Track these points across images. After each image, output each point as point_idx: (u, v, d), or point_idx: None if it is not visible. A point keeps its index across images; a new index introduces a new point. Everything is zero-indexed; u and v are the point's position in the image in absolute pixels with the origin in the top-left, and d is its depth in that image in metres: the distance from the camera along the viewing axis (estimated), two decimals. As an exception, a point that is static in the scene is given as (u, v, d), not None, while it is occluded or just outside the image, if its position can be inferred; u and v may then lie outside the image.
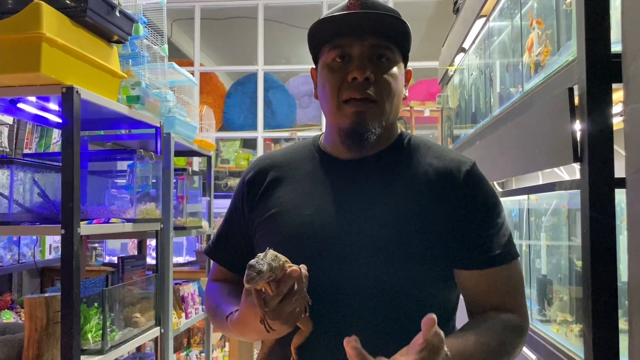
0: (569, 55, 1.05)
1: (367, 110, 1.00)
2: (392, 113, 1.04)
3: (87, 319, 1.80)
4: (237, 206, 1.14)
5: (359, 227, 0.99)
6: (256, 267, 0.83)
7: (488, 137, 1.65)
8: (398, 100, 1.05)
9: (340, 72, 1.01)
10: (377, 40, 1.00)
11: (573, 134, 0.98)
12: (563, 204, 1.24)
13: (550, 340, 1.22)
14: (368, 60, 1.00)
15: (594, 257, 0.93)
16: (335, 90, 1.01)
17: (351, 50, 1.01)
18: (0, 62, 1.58)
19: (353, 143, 1.02)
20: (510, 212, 1.69)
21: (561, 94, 1.02)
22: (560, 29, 1.16)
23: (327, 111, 1.05)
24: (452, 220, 0.98)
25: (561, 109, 1.01)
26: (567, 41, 1.09)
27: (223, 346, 3.91)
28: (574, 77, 0.99)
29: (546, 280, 1.34)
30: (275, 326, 0.88)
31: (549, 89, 1.15)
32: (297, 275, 0.87)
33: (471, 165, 1.03)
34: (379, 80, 1.00)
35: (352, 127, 1.00)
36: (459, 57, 2.38)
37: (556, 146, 1.06)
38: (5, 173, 1.78)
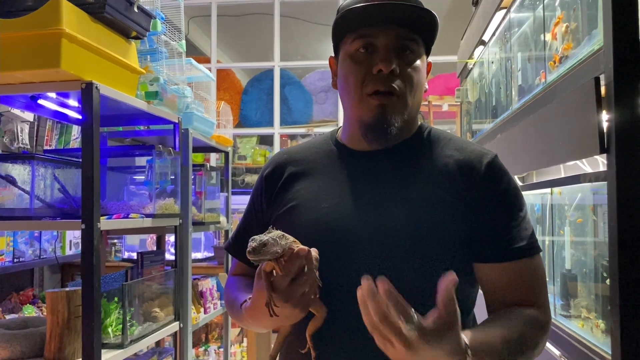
0: (595, 44, 1.02)
1: (390, 103, 0.98)
2: (414, 106, 1.03)
3: (107, 313, 1.81)
4: (255, 201, 1.14)
5: (376, 219, 0.98)
6: (257, 239, 0.82)
7: (509, 130, 1.63)
8: (420, 93, 1.03)
9: (365, 63, 0.99)
10: (404, 31, 0.99)
11: (599, 125, 0.96)
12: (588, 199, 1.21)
13: (575, 336, 1.20)
14: (393, 52, 0.98)
15: (621, 251, 0.91)
16: (359, 82, 0.99)
17: (376, 41, 0.99)
18: (21, 59, 1.59)
19: (375, 136, 1.01)
20: (533, 207, 1.67)
21: (587, 84, 1.00)
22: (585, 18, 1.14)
23: (347, 103, 1.03)
24: (472, 212, 0.97)
25: (587, 99, 0.99)
26: (592, 30, 1.07)
27: (241, 341, 3.92)
28: (600, 67, 0.97)
29: (570, 275, 1.31)
30: (285, 310, 0.88)
31: (574, 80, 1.12)
32: (305, 254, 0.86)
33: (493, 157, 1.01)
34: (403, 73, 0.98)
35: (374, 120, 0.99)
36: (479, 50, 2.35)
37: (581, 138, 1.03)
38: (26, 169, 1.80)
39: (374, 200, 1.00)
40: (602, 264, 1.09)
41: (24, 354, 1.67)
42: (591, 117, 0.98)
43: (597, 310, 1.15)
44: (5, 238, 2.86)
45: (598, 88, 0.97)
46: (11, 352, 1.67)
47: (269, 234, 0.85)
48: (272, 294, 0.87)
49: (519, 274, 0.97)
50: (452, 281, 0.76)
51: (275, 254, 0.84)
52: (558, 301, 1.38)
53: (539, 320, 0.95)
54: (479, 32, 2.19)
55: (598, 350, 1.08)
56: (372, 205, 0.99)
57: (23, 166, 1.82)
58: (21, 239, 2.99)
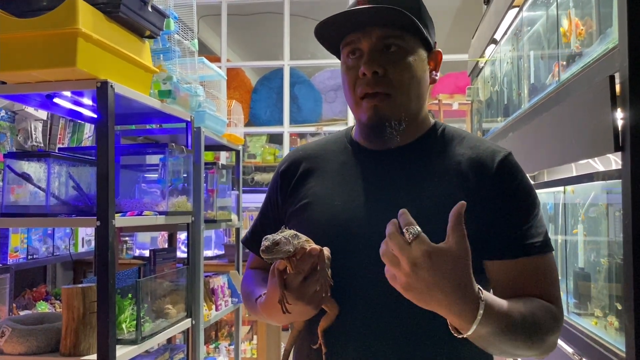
0: (610, 42, 1.02)
1: (381, 104, 1.00)
2: (413, 102, 1.02)
3: (121, 309, 1.83)
4: (272, 197, 1.15)
5: (388, 217, 0.98)
6: (270, 238, 0.84)
7: (522, 129, 1.63)
8: (419, 88, 1.03)
9: (354, 68, 1.02)
10: (383, 31, 0.99)
11: (614, 123, 0.96)
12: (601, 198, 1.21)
13: (588, 334, 1.20)
14: (378, 53, 0.99)
15: (636, 249, 0.91)
16: (352, 87, 1.02)
17: (360, 45, 1.01)
18: (37, 58, 1.62)
19: (375, 137, 1.04)
20: (545, 205, 1.67)
21: (601, 82, 1.00)
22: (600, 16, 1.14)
23: (349, 107, 1.07)
24: (485, 210, 0.97)
25: (601, 97, 0.99)
26: (606, 29, 1.07)
27: (251, 339, 3.94)
28: (615, 65, 0.97)
29: (584, 273, 1.31)
30: (298, 307, 0.89)
31: (588, 78, 1.12)
32: (317, 253, 0.88)
33: (506, 155, 1.01)
34: (389, 73, 0.99)
35: (370, 121, 1.01)
36: (490, 49, 2.35)
37: (596, 136, 1.04)
38: (42, 166, 1.82)
39: (386, 198, 1.00)
40: (616, 263, 1.09)
41: (40, 349, 1.70)
42: (606, 115, 0.98)
43: (611, 308, 1.15)
44: (20, 235, 2.89)
45: (613, 86, 0.97)
46: (28, 347, 1.69)
47: (282, 233, 0.86)
48: (285, 292, 0.89)
49: (531, 271, 0.97)
50: (461, 205, 0.79)
51: (287, 252, 0.85)
52: (571, 299, 1.39)
53: (552, 311, 0.94)
54: (491, 31, 2.19)
55: (612, 347, 1.08)
56: (384, 203, 1.00)
57: (38, 164, 1.84)
58: (35, 236, 3.02)
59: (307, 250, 0.88)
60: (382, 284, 0.96)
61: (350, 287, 0.97)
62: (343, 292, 0.96)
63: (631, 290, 0.91)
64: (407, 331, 0.95)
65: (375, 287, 0.96)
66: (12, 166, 1.84)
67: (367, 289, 0.97)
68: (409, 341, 0.95)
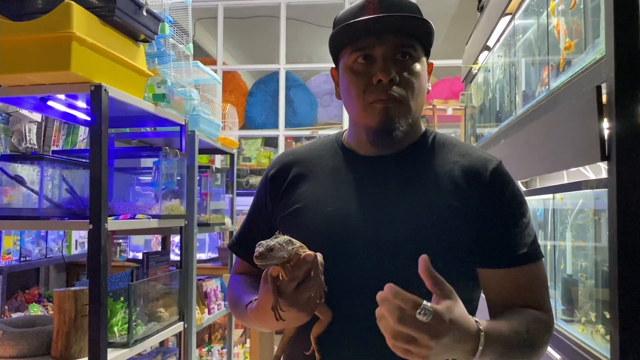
0: (597, 53, 1.04)
1: (394, 107, 1.00)
2: (417, 111, 1.04)
3: (113, 312, 1.83)
4: (260, 201, 1.15)
5: (381, 224, 0.99)
6: (264, 244, 0.84)
7: (513, 136, 1.64)
8: (422, 97, 1.05)
9: (364, 74, 1.01)
10: (398, 39, 1.01)
11: (601, 133, 0.98)
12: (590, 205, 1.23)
13: (576, 340, 1.21)
14: (392, 60, 1.00)
15: (620, 257, 0.93)
16: (361, 93, 1.01)
17: (374, 52, 1.01)
18: (31, 61, 1.62)
19: (382, 141, 1.03)
20: (535, 212, 1.68)
21: (589, 92, 1.01)
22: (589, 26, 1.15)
23: (353, 113, 1.05)
24: (477, 218, 0.98)
25: (589, 107, 1.01)
26: (595, 39, 1.08)
27: (244, 342, 3.94)
28: (602, 75, 0.98)
29: (571, 280, 1.32)
30: (291, 314, 0.90)
31: (576, 88, 1.14)
32: (311, 259, 0.88)
33: (497, 164, 1.03)
34: (403, 80, 1.00)
35: (380, 125, 1.00)
36: (483, 55, 2.37)
37: (583, 145, 1.05)
38: (35, 169, 1.83)
39: (378, 205, 1.01)
40: (603, 270, 1.10)
41: (31, 352, 1.70)
42: (593, 125, 1.00)
43: (597, 315, 1.16)
44: (13, 237, 2.88)
45: (600, 96, 0.98)
46: (19, 350, 1.69)
47: (276, 239, 0.87)
48: (278, 298, 0.89)
49: (522, 279, 0.98)
50: (424, 261, 0.81)
51: (281, 258, 0.86)
52: (559, 306, 1.40)
53: (544, 320, 0.97)
54: (484, 38, 2.21)
55: (598, 354, 1.10)
56: (377, 209, 1.01)
57: (32, 167, 1.84)
58: (28, 238, 3.02)
59: (301, 256, 0.88)
60: (375, 289, 0.97)
61: (343, 293, 0.97)
62: (336, 298, 0.96)
63: (616, 298, 0.92)
64: None
65: (368, 293, 0.97)
66: (6, 169, 1.84)
67: (360, 295, 0.97)
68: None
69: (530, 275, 0.99)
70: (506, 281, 0.99)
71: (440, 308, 0.78)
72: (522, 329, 0.92)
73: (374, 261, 0.97)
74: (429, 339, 0.76)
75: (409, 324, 0.77)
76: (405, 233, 0.98)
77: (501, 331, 0.88)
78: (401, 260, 0.96)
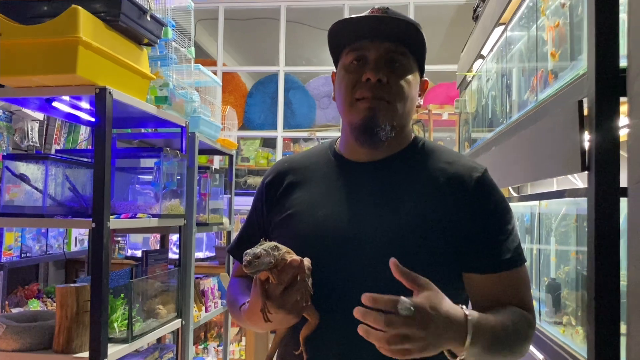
0: (580, 69, 1.09)
1: (378, 107, 1.05)
2: (404, 116, 1.08)
3: (113, 309, 1.88)
4: (257, 207, 1.20)
5: (369, 228, 1.03)
6: (250, 253, 0.89)
7: (504, 143, 1.70)
8: (411, 105, 1.09)
9: (356, 73, 1.07)
10: (393, 45, 1.06)
11: (581, 144, 1.03)
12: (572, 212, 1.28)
13: (557, 341, 1.27)
14: (383, 63, 1.06)
15: (598, 263, 0.98)
16: (350, 89, 1.07)
17: (368, 54, 1.06)
18: (38, 63, 1.67)
19: (365, 139, 1.07)
20: (523, 217, 1.74)
21: (571, 105, 1.07)
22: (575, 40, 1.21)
23: (341, 110, 1.11)
24: (462, 224, 1.02)
25: (571, 120, 1.06)
26: (578, 55, 1.14)
27: (240, 340, 3.99)
28: (584, 91, 1.04)
29: (554, 283, 1.38)
30: (279, 316, 0.94)
31: (561, 100, 1.19)
32: (297, 264, 0.92)
33: (482, 172, 1.07)
34: (391, 83, 1.05)
35: (363, 122, 1.05)
36: (477, 64, 2.43)
37: (566, 155, 1.10)
38: (40, 168, 1.88)
39: (367, 210, 1.05)
40: (583, 274, 1.16)
41: (33, 346, 1.75)
42: (574, 137, 1.05)
43: (577, 317, 1.22)
44: (14, 233, 2.93)
45: (581, 110, 1.04)
46: (21, 344, 1.74)
47: (261, 246, 0.91)
48: (267, 302, 0.94)
49: (506, 282, 1.03)
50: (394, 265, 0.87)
51: (268, 264, 0.90)
52: (543, 308, 1.46)
53: (527, 317, 1.01)
54: (478, 47, 2.26)
55: (577, 355, 1.15)
56: (366, 214, 1.05)
57: (37, 166, 1.89)
58: (29, 235, 3.06)
59: (287, 261, 0.93)
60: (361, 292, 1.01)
61: (331, 296, 1.01)
62: (324, 301, 1.00)
63: (592, 300, 0.98)
64: None
65: (355, 296, 1.01)
66: (11, 167, 1.89)
67: (347, 297, 1.01)
68: None
69: (514, 279, 1.03)
70: (491, 285, 1.02)
71: (420, 300, 0.83)
72: (509, 322, 0.96)
73: (361, 265, 1.01)
74: (419, 331, 0.81)
75: (396, 323, 0.81)
76: (392, 237, 1.02)
77: (488, 321, 0.92)
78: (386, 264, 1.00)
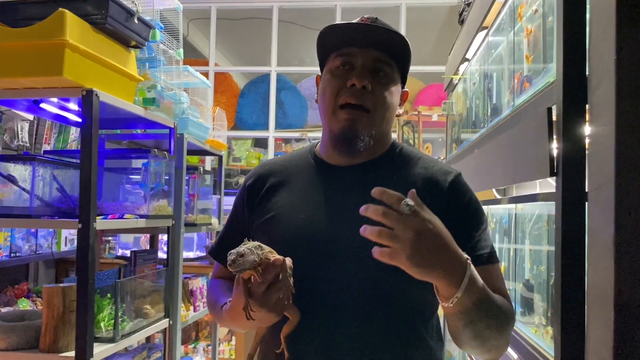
0: (550, 76, 1.13)
1: (359, 119, 1.08)
2: (383, 124, 1.12)
3: (100, 308, 1.90)
4: (238, 210, 1.23)
5: (349, 229, 1.06)
6: (235, 252, 0.92)
7: (485, 146, 1.73)
8: (391, 113, 1.13)
9: (341, 78, 1.10)
10: (380, 54, 1.09)
11: (550, 150, 1.06)
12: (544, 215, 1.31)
13: (530, 341, 1.30)
14: (368, 71, 1.09)
15: (564, 264, 1.01)
16: (334, 94, 1.10)
17: (354, 60, 1.10)
18: (26, 66, 1.69)
19: (343, 148, 1.11)
20: (502, 219, 1.77)
21: (541, 112, 1.10)
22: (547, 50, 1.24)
23: (323, 114, 1.14)
24: None
25: (541, 126, 1.10)
26: (549, 63, 1.17)
27: (230, 340, 4.02)
28: (554, 98, 1.07)
29: (528, 284, 1.42)
30: (261, 314, 0.96)
31: (534, 107, 1.23)
32: (280, 263, 0.95)
33: (456, 175, 1.11)
34: (375, 91, 1.08)
35: (343, 132, 1.08)
36: (463, 67, 2.46)
37: (536, 160, 1.14)
38: (27, 169, 1.89)
39: (347, 212, 1.09)
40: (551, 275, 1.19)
41: (20, 345, 1.77)
42: (544, 143, 1.08)
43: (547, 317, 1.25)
44: (3, 233, 2.95)
45: (550, 117, 1.07)
46: (8, 343, 1.76)
47: (245, 245, 0.94)
48: (249, 300, 0.97)
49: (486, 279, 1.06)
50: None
51: (253, 262, 0.93)
52: (518, 308, 1.49)
53: (510, 305, 1.03)
54: (463, 50, 2.30)
55: (546, 355, 1.18)
56: (345, 216, 1.08)
57: (24, 166, 1.91)
58: (18, 235, 3.08)
59: (271, 260, 0.96)
60: (341, 291, 1.05)
61: (312, 295, 1.04)
62: (305, 299, 1.03)
63: (559, 301, 1.01)
64: (365, 335, 1.04)
65: (335, 295, 1.05)
66: (-1, 168, 1.91)
67: (328, 296, 1.05)
68: (368, 343, 1.03)
69: (490, 275, 1.06)
70: None
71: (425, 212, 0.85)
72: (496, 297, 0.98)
73: (339, 264, 1.05)
74: (412, 232, 0.82)
75: (390, 216, 0.83)
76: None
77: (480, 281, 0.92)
78: (364, 263, 1.04)
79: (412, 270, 0.85)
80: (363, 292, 1.05)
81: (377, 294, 1.05)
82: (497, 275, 1.08)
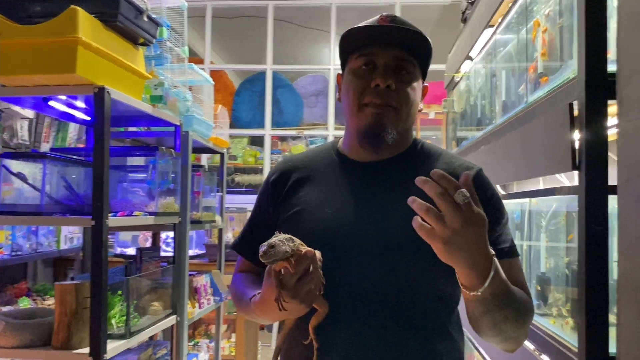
0: (570, 72, 1.15)
1: (385, 113, 1.10)
2: (407, 121, 1.14)
3: (111, 305, 1.91)
4: (262, 205, 1.24)
5: (375, 225, 1.09)
6: (266, 243, 0.93)
7: (493, 143, 1.76)
8: (414, 110, 1.16)
9: (365, 78, 1.11)
10: (401, 53, 1.11)
11: (572, 145, 1.09)
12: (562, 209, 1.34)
13: (548, 332, 1.33)
14: (391, 70, 1.11)
15: (588, 257, 1.04)
16: (358, 94, 1.12)
17: (377, 60, 1.12)
18: (37, 63, 1.68)
19: (370, 143, 1.12)
20: (513, 214, 1.80)
21: (562, 108, 1.13)
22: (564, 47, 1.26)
23: (348, 113, 1.16)
24: None
25: (562, 121, 1.12)
26: (568, 59, 1.20)
27: (229, 337, 4.02)
28: (574, 94, 1.10)
29: (545, 277, 1.44)
30: (292, 305, 0.98)
31: (552, 103, 1.25)
32: (311, 255, 0.97)
33: (478, 170, 1.14)
34: (398, 89, 1.11)
35: (370, 127, 1.11)
36: (465, 65, 2.49)
37: (556, 155, 1.16)
38: (38, 167, 1.89)
39: (373, 207, 1.11)
40: (573, 269, 1.22)
41: (33, 342, 1.76)
42: (565, 138, 1.11)
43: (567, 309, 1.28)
44: (5, 232, 2.93)
45: (572, 112, 1.10)
46: (20, 340, 1.75)
47: (276, 237, 0.96)
48: (281, 291, 0.98)
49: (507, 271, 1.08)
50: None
51: (285, 254, 0.94)
52: (534, 301, 1.52)
53: (530, 299, 1.06)
54: (467, 48, 2.32)
55: (567, 344, 1.21)
56: (372, 211, 1.11)
57: (35, 164, 1.90)
58: (19, 233, 3.06)
59: (303, 252, 0.97)
60: (369, 283, 1.07)
61: (339, 287, 1.06)
62: (333, 291, 1.05)
63: (583, 294, 1.04)
64: (391, 327, 1.06)
65: (362, 286, 1.07)
66: (8, 166, 1.90)
67: (355, 288, 1.07)
68: (395, 335, 1.06)
69: (512, 269, 1.08)
70: None
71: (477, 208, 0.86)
72: (517, 291, 1.00)
73: (368, 257, 1.07)
74: (459, 221, 0.84)
75: (445, 199, 0.85)
76: (396, 232, 1.07)
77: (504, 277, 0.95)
78: (392, 257, 1.06)
79: (442, 255, 0.87)
80: (389, 285, 1.07)
81: (404, 288, 1.07)
82: (518, 268, 1.11)
